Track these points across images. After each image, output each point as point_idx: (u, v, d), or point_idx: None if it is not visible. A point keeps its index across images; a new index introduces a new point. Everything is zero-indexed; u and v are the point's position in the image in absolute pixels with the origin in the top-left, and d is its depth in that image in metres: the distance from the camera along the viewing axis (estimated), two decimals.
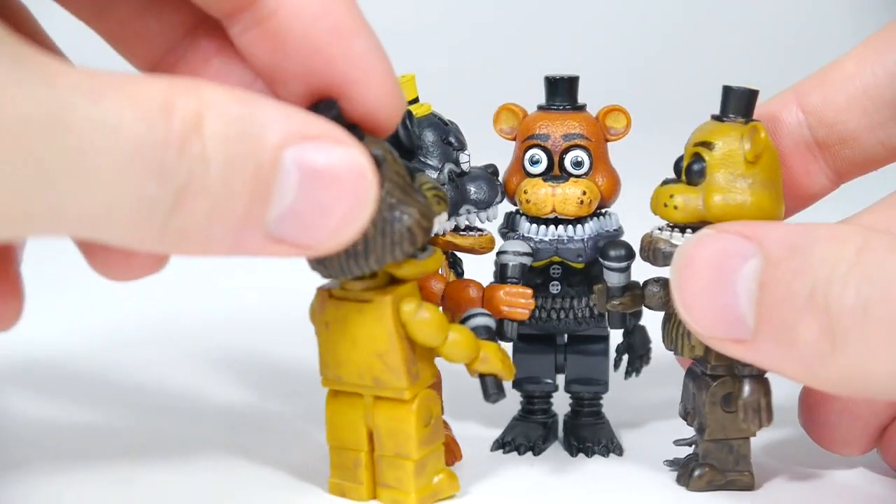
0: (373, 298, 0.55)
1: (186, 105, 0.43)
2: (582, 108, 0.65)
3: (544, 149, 0.63)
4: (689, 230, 0.58)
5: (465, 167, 0.62)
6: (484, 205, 0.62)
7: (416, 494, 0.57)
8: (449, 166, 0.61)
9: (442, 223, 0.56)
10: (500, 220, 0.65)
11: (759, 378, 0.58)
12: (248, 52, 0.53)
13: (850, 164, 0.62)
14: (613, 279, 0.61)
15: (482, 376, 0.58)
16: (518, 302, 0.61)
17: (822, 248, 0.49)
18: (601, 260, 0.62)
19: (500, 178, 0.64)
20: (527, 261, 0.62)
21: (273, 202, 0.46)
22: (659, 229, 0.59)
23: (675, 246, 0.57)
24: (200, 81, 0.45)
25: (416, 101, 0.62)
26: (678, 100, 1.41)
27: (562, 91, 0.64)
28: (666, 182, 0.59)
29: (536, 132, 0.64)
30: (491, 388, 0.58)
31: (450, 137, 0.62)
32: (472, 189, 0.62)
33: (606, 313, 0.63)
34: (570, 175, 0.63)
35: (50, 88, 0.41)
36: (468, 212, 0.62)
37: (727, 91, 0.59)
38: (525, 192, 0.63)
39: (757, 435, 0.59)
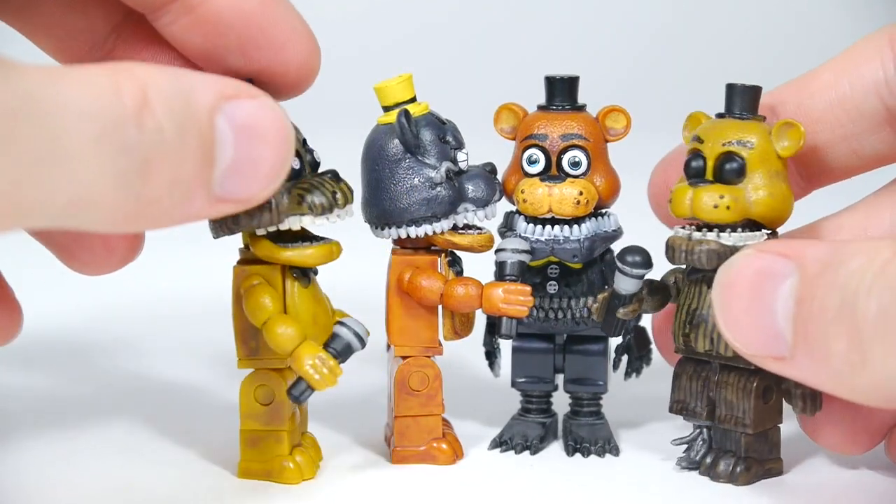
0: (235, 265, 0.59)
1: (129, 83, 0.45)
2: (582, 108, 0.65)
3: (542, 149, 0.63)
4: (728, 229, 0.58)
5: (462, 165, 0.62)
6: (482, 203, 0.62)
7: (243, 465, 0.60)
8: (447, 165, 0.61)
9: (305, 223, 0.57)
10: (499, 218, 0.65)
11: None
12: (180, 41, 0.56)
13: (822, 171, 0.63)
14: (628, 285, 0.60)
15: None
16: (517, 300, 0.61)
17: (853, 261, 0.49)
18: (617, 263, 0.61)
19: (500, 178, 0.64)
20: (525, 258, 0.62)
21: (217, 162, 0.48)
22: (697, 230, 0.59)
23: (726, 246, 0.58)
24: (129, 62, 0.47)
25: (413, 100, 0.62)
26: (679, 100, 1.41)
27: (561, 91, 0.64)
28: (694, 184, 0.58)
29: (535, 132, 0.64)
30: (292, 387, 0.59)
31: (447, 136, 0.62)
32: (470, 187, 0.62)
33: (604, 321, 0.63)
34: (568, 175, 0.63)
35: (6, 80, 0.42)
36: (466, 210, 0.62)
37: (732, 89, 0.59)
38: (522, 192, 0.63)
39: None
